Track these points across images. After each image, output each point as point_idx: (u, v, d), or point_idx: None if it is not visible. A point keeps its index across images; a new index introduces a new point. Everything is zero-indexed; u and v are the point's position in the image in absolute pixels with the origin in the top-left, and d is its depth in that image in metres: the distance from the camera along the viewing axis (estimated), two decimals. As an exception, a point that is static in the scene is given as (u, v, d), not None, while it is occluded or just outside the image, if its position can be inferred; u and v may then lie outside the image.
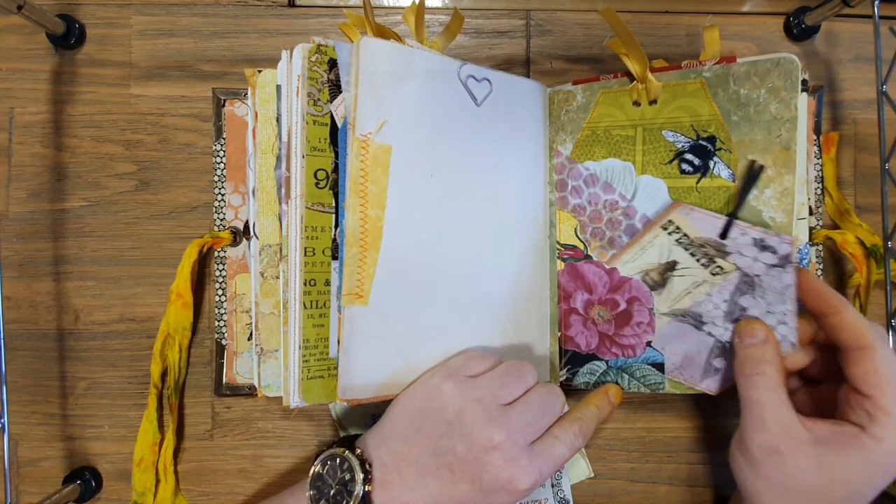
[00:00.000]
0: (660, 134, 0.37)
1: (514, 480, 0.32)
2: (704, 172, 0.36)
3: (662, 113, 0.37)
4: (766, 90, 0.34)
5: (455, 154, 0.37)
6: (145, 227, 0.45)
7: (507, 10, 0.46)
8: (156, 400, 0.42)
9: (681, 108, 0.36)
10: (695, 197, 0.36)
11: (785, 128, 0.34)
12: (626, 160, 0.38)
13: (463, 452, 0.32)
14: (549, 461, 0.33)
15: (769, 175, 0.34)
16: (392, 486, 0.33)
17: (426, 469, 0.33)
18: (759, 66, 0.34)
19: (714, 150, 0.35)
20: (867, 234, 0.44)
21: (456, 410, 0.33)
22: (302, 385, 0.35)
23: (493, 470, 0.32)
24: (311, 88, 0.35)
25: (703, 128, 0.36)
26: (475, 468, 0.32)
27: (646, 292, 0.38)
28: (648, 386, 0.39)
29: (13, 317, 0.44)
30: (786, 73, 0.34)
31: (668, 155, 0.37)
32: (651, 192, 0.37)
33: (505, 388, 0.34)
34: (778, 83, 0.34)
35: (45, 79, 0.45)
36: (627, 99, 0.38)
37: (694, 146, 0.36)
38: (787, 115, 0.34)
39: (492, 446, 0.32)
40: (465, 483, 0.32)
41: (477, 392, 0.34)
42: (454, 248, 0.37)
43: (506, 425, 0.33)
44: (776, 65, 0.34)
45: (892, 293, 0.41)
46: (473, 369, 0.35)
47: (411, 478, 0.33)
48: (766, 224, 0.35)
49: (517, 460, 0.32)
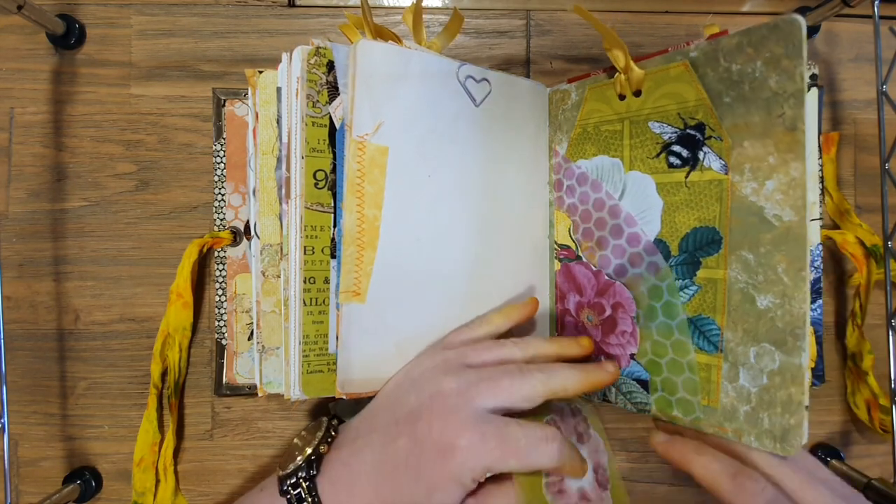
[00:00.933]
0: (646, 126, 0.34)
1: (451, 436, 0.29)
2: (694, 165, 0.32)
3: (648, 103, 0.34)
4: (763, 61, 0.29)
5: (453, 154, 0.37)
6: (145, 227, 0.45)
7: (507, 10, 0.46)
8: (156, 400, 0.42)
9: (666, 95, 0.33)
10: (683, 194, 0.32)
11: (789, 104, 0.28)
12: (614, 156, 0.36)
13: (412, 402, 0.31)
14: (496, 432, 0.29)
15: (770, 163, 0.29)
16: (342, 448, 0.32)
17: (377, 426, 0.32)
18: (752, 35, 0.29)
19: (703, 139, 0.31)
20: (867, 234, 0.44)
21: (421, 368, 0.33)
22: (302, 379, 0.35)
23: (430, 419, 0.29)
24: (309, 90, 0.35)
25: (690, 115, 0.32)
26: (414, 417, 0.30)
27: (628, 298, 0.36)
28: (635, 405, 0.36)
29: (13, 317, 0.44)
30: (786, 37, 0.28)
31: (656, 148, 0.34)
32: (639, 190, 0.35)
33: (475, 350, 0.33)
34: (777, 50, 0.28)
35: (45, 79, 0.45)
36: (613, 92, 0.35)
37: (681, 136, 0.32)
38: (790, 87, 0.28)
39: (437, 393, 0.30)
40: (404, 437, 0.30)
41: (446, 353, 0.34)
42: (451, 247, 0.37)
43: (459, 376, 0.31)
44: (772, 29, 0.28)
45: (892, 293, 0.41)
46: (452, 340, 0.35)
47: (363, 436, 0.32)
48: (771, 224, 0.29)
49: (457, 411, 0.29)
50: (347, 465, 0.31)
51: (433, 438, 0.29)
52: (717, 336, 0.32)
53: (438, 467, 0.29)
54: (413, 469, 0.29)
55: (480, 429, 0.29)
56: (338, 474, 0.31)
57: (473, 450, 0.28)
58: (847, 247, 0.43)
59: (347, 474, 0.31)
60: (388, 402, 0.33)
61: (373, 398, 0.35)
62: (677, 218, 0.33)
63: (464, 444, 0.28)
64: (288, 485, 0.31)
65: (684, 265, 0.33)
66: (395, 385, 0.34)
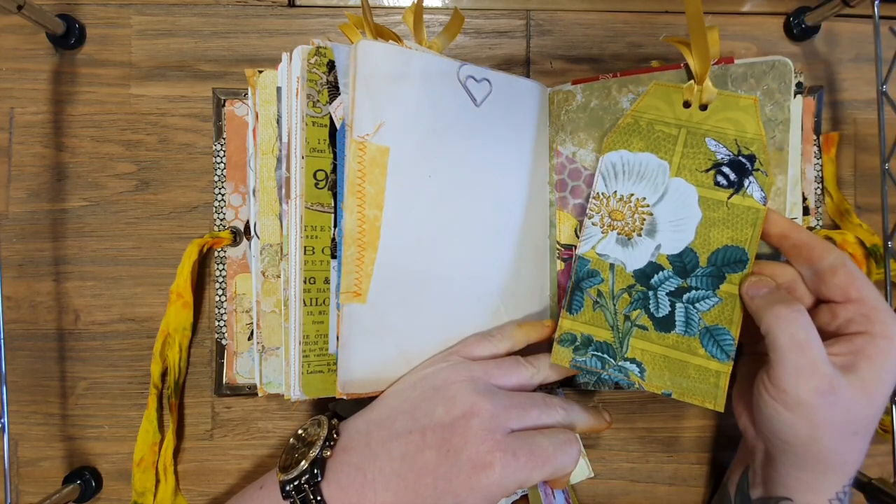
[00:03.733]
0: (703, 140, 0.36)
1: (486, 455, 0.30)
2: (738, 189, 0.35)
3: (710, 120, 0.36)
4: (762, 92, 0.35)
5: (454, 154, 0.37)
6: (145, 227, 0.45)
7: (507, 10, 0.46)
8: (156, 400, 0.42)
9: (729, 119, 0.35)
10: (723, 212, 0.35)
11: (779, 129, 0.34)
12: (663, 158, 0.37)
13: (441, 415, 0.31)
14: (525, 446, 0.31)
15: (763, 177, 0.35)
16: (352, 451, 0.32)
17: (397, 433, 0.32)
18: (755, 68, 0.35)
19: (752, 169, 0.35)
20: (867, 234, 0.44)
21: (445, 379, 0.33)
22: (302, 379, 0.35)
23: (466, 436, 0.30)
24: (310, 90, 0.35)
25: (746, 145, 0.35)
26: (448, 432, 0.30)
27: None
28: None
29: (13, 317, 0.44)
30: (780, 76, 0.34)
31: (707, 163, 0.36)
32: (680, 198, 0.36)
33: (499, 368, 0.34)
34: (773, 85, 0.34)
35: (45, 79, 0.45)
36: (679, 96, 0.36)
37: (733, 161, 0.35)
38: (780, 116, 0.34)
39: (472, 412, 0.31)
40: (432, 449, 0.30)
41: (471, 368, 0.34)
42: (452, 247, 0.37)
43: (493, 400, 0.32)
44: (771, 67, 0.34)
45: (892, 293, 0.41)
46: (473, 352, 0.35)
47: (378, 442, 0.32)
48: None
49: (493, 433, 0.30)
50: (361, 471, 0.31)
51: (468, 455, 0.30)
52: (730, 346, 0.34)
53: (472, 482, 0.30)
54: (443, 481, 0.30)
55: (512, 447, 0.30)
56: (349, 480, 0.31)
57: (508, 468, 0.30)
58: (847, 247, 0.43)
59: (361, 480, 0.31)
60: (406, 407, 0.33)
61: (374, 398, 0.35)
62: (712, 233, 0.35)
63: (499, 463, 0.30)
64: (291, 488, 0.31)
65: (710, 277, 0.35)
66: (411, 388, 0.34)
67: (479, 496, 0.30)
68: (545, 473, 0.31)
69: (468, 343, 0.36)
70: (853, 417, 0.30)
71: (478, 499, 0.30)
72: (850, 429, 0.31)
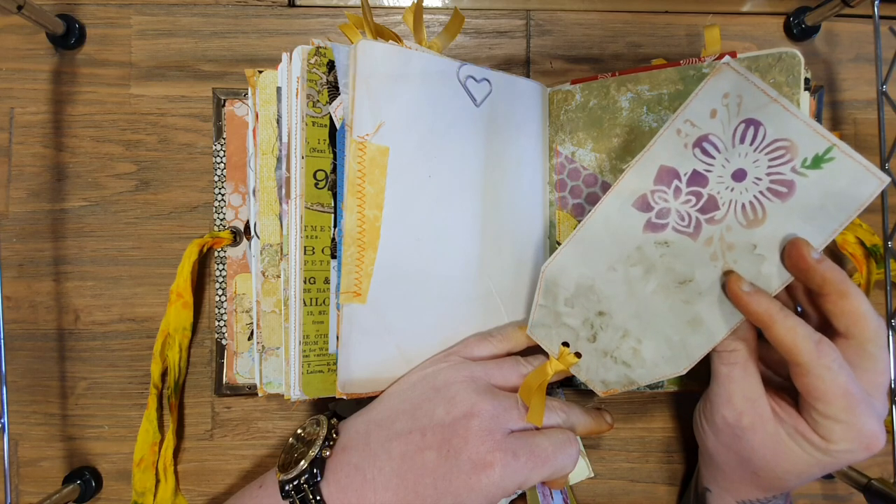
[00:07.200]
0: None
1: (486, 455, 0.30)
2: None
3: None
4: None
5: (454, 154, 0.37)
6: (145, 227, 0.45)
7: (507, 10, 0.46)
8: (156, 400, 0.42)
9: None
10: None
11: None
12: None
13: (441, 415, 0.31)
14: (525, 446, 0.31)
15: None
16: (351, 451, 0.32)
17: (397, 433, 0.32)
18: (760, 62, 0.34)
19: None
20: (867, 234, 0.44)
21: (445, 379, 0.33)
22: (302, 379, 0.35)
23: (466, 436, 0.30)
24: (310, 90, 0.35)
25: None
26: (448, 432, 0.31)
27: None
28: (648, 385, 0.38)
29: (13, 317, 0.44)
30: (788, 69, 0.33)
31: None
32: None
33: (500, 369, 0.34)
34: (780, 79, 0.33)
35: (45, 79, 0.45)
36: None
37: None
38: None
39: (472, 412, 0.31)
40: (432, 450, 0.31)
41: (472, 368, 0.34)
42: (452, 247, 0.37)
43: (494, 401, 0.32)
44: (778, 59, 0.33)
45: (892, 293, 0.41)
46: (473, 352, 0.36)
47: (377, 442, 0.32)
48: None
49: (493, 433, 0.30)
50: (361, 471, 0.31)
51: (468, 455, 0.30)
52: None
53: (472, 482, 0.30)
54: (443, 481, 0.30)
55: (512, 447, 0.31)
56: (349, 479, 0.31)
57: (509, 468, 0.30)
58: (847, 247, 0.43)
59: (360, 480, 0.31)
60: (406, 408, 0.33)
61: (373, 398, 0.35)
62: None
63: (499, 463, 0.30)
64: (291, 487, 0.31)
65: None
66: (411, 388, 0.34)
67: (478, 496, 0.30)
68: (545, 474, 0.31)
69: (468, 343, 0.36)
70: (753, 457, 0.32)
71: (478, 499, 0.30)
72: (747, 463, 0.33)
